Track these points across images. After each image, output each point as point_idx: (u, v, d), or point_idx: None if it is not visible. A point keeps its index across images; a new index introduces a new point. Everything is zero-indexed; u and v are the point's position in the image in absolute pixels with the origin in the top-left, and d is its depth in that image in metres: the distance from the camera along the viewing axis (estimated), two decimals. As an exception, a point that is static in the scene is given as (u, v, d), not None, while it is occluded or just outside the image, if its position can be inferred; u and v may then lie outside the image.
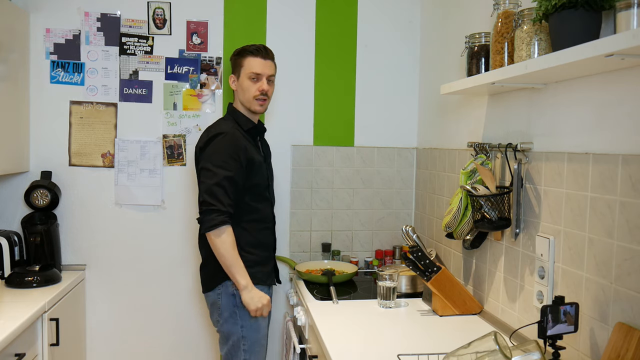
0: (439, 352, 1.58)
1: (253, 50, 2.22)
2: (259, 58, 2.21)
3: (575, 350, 1.54)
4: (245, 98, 2.23)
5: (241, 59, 2.23)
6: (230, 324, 2.15)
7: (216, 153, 2.10)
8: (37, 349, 2.11)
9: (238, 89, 2.26)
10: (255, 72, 2.20)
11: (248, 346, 2.14)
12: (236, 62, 2.25)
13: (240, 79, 2.23)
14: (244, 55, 2.23)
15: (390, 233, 2.97)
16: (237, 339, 2.14)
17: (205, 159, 2.12)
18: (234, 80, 2.27)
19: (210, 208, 2.04)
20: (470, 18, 2.27)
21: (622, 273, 1.37)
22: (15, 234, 2.53)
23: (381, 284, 2.18)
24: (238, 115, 2.27)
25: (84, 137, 2.69)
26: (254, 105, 2.23)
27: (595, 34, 1.36)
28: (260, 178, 2.23)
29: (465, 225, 2.02)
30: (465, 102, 2.32)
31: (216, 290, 2.16)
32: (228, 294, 2.14)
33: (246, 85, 2.21)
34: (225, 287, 2.15)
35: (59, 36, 2.65)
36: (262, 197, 2.26)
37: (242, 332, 2.14)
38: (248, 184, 2.16)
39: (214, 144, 2.11)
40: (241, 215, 2.16)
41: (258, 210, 2.23)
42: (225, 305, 2.15)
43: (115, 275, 2.75)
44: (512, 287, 1.90)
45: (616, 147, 1.40)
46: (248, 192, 2.17)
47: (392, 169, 2.97)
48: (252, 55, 2.21)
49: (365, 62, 2.92)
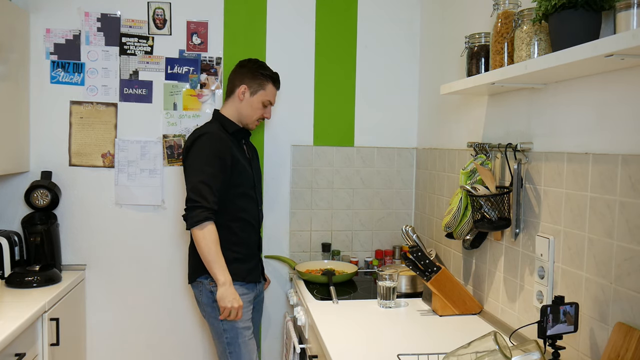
0: (439, 352, 1.58)
1: (277, 79, 2.37)
2: (276, 89, 2.38)
3: (575, 350, 1.54)
4: (248, 114, 2.33)
5: (265, 82, 2.33)
6: (212, 319, 2.24)
7: (201, 152, 2.17)
8: (37, 349, 2.11)
9: (245, 103, 2.32)
10: (271, 102, 2.36)
11: (230, 338, 2.20)
12: (258, 80, 2.31)
13: (254, 97, 2.32)
14: (269, 80, 2.34)
15: (390, 233, 2.97)
16: (220, 332, 2.22)
17: (190, 157, 2.19)
18: (245, 92, 2.31)
19: (195, 205, 2.11)
20: (470, 18, 2.27)
21: (622, 273, 1.37)
22: (16, 234, 2.53)
23: (381, 284, 2.18)
24: (224, 119, 2.34)
25: (84, 137, 2.69)
26: (251, 124, 2.37)
27: (595, 34, 1.36)
28: (245, 178, 2.30)
29: (465, 225, 2.02)
30: (465, 102, 2.32)
31: (198, 287, 2.27)
32: (207, 290, 2.23)
33: (256, 106, 2.33)
34: (203, 284, 2.24)
35: (59, 36, 2.65)
36: (247, 197, 2.32)
37: (222, 326, 2.21)
38: (233, 183, 2.23)
39: (199, 143, 2.19)
40: (225, 213, 2.22)
41: (242, 209, 2.29)
42: (206, 302, 2.25)
43: (115, 275, 2.76)
44: (512, 287, 1.90)
45: (616, 147, 1.40)
46: (232, 191, 2.24)
47: (392, 169, 2.97)
48: (274, 84, 2.36)
49: (365, 62, 2.92)
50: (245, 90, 2.31)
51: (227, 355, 2.21)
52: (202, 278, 2.24)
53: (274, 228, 2.87)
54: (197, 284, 2.27)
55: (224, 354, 2.23)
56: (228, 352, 2.20)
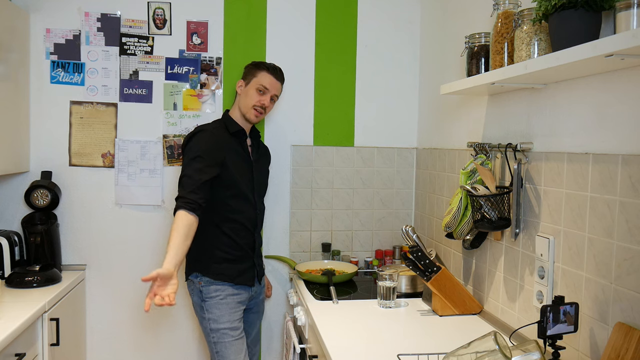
0: (439, 352, 1.58)
1: (270, 67, 2.37)
2: (272, 76, 2.36)
3: (575, 350, 1.54)
4: (244, 104, 2.35)
5: (256, 70, 2.36)
6: (200, 318, 2.27)
7: (193, 147, 2.21)
8: (38, 349, 2.11)
9: (242, 95, 2.37)
10: (264, 86, 2.33)
11: (217, 337, 2.22)
12: (250, 71, 2.38)
13: (248, 86, 2.36)
14: (261, 68, 2.36)
15: (390, 233, 2.97)
16: (207, 333, 2.25)
17: (184, 153, 2.25)
18: (242, 85, 2.38)
19: (177, 197, 2.12)
20: (470, 18, 2.27)
21: (622, 273, 1.37)
22: (16, 234, 2.53)
23: (381, 284, 2.18)
24: (228, 119, 2.38)
25: (84, 137, 2.69)
26: (249, 113, 2.34)
27: (595, 34, 1.36)
28: (240, 178, 2.28)
29: (465, 225, 2.02)
30: (465, 102, 2.32)
31: (189, 286, 2.31)
32: (196, 289, 2.26)
33: (251, 94, 2.33)
34: (194, 283, 2.27)
35: (59, 36, 2.65)
36: (242, 198, 2.31)
37: (210, 325, 2.23)
38: (224, 183, 2.23)
39: (193, 140, 2.24)
40: (215, 213, 2.23)
41: (234, 211, 2.29)
42: (196, 301, 2.28)
43: (115, 275, 2.76)
44: (512, 287, 1.90)
45: (616, 147, 1.40)
46: (224, 191, 2.24)
47: (392, 169, 2.97)
48: (267, 71, 2.35)
49: (365, 62, 2.92)
50: (242, 83, 2.39)
51: (214, 355, 2.23)
52: (193, 277, 2.27)
53: (274, 228, 2.87)
54: (189, 282, 2.30)
55: (212, 353, 2.25)
56: (215, 352, 2.22)
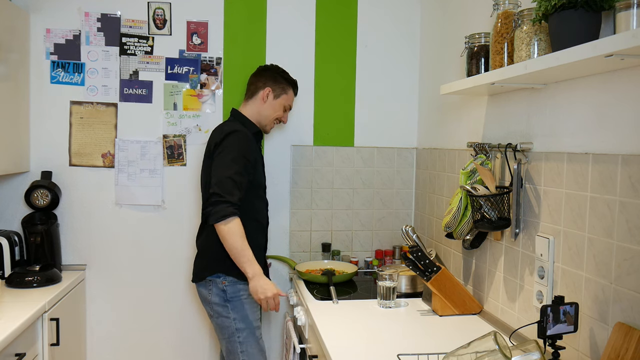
0: (439, 352, 1.58)
1: (296, 86, 2.50)
2: (295, 96, 2.51)
3: (575, 350, 1.54)
4: (267, 114, 2.40)
5: (288, 87, 2.44)
6: (223, 318, 2.22)
7: (231, 148, 2.18)
8: (38, 349, 2.11)
9: (267, 104, 2.39)
10: (290, 106, 2.48)
11: (243, 338, 2.20)
12: (281, 85, 2.42)
13: (277, 100, 2.41)
14: (291, 86, 2.45)
15: (390, 233, 2.97)
16: (232, 332, 2.21)
17: (219, 153, 2.19)
18: (269, 94, 2.38)
19: (220, 199, 2.09)
20: (470, 18, 2.27)
21: (621, 273, 1.37)
22: (16, 234, 2.53)
23: (381, 284, 2.18)
24: (245, 119, 2.38)
25: (84, 137, 2.69)
26: (269, 124, 2.43)
27: (594, 34, 1.36)
28: (263, 178, 2.36)
29: (465, 225, 2.02)
30: (465, 102, 2.32)
31: (207, 286, 2.24)
32: (218, 289, 2.21)
33: (277, 108, 2.41)
34: (215, 283, 2.22)
35: (59, 36, 2.65)
36: (262, 199, 2.37)
37: (235, 325, 2.20)
38: (253, 184, 2.25)
39: (229, 140, 2.20)
40: (244, 213, 2.20)
41: (257, 211, 2.32)
42: (216, 301, 2.22)
43: (115, 275, 2.76)
44: (511, 287, 1.90)
45: (616, 147, 1.40)
46: (252, 192, 2.25)
47: (392, 169, 2.97)
48: (294, 91, 2.48)
49: (365, 62, 2.92)
50: (270, 92, 2.38)
51: (239, 355, 2.19)
52: (214, 277, 2.21)
53: (274, 228, 2.87)
54: (206, 282, 2.24)
55: (234, 353, 2.20)
56: (240, 352, 2.19)
